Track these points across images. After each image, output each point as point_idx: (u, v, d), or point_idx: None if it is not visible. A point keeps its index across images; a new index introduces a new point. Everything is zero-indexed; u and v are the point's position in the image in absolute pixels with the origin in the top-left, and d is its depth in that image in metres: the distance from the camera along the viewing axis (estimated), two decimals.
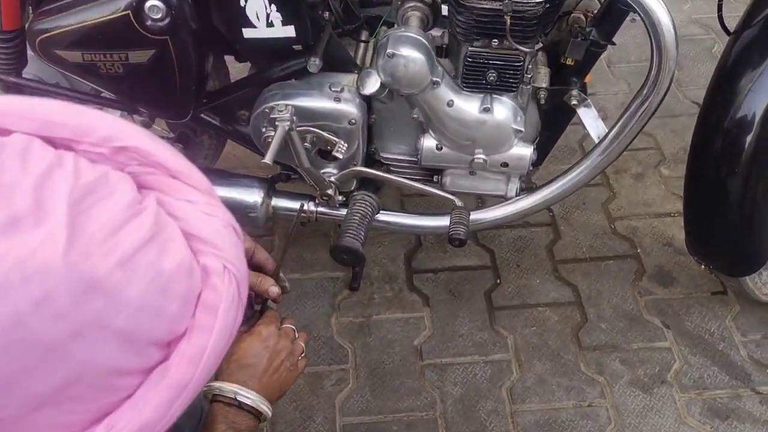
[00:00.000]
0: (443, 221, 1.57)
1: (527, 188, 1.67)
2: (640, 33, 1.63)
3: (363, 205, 1.55)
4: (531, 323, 1.87)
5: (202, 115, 1.63)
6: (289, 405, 1.70)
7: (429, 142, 1.59)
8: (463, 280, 1.97)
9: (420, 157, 1.61)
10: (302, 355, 1.15)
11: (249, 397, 1.01)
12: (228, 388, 1.02)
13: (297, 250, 2.04)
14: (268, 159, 1.29)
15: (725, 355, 1.78)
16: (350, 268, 1.95)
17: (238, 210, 1.66)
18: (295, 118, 1.45)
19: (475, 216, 1.66)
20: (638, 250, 2.04)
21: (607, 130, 1.55)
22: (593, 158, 1.56)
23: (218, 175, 1.70)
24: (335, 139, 1.51)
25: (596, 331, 1.85)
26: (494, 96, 1.51)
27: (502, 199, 1.67)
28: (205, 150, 1.85)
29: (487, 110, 1.50)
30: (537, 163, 1.71)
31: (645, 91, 1.43)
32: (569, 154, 2.31)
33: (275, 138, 1.34)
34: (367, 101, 1.56)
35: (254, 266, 1.09)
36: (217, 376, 1.03)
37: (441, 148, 1.59)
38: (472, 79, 1.47)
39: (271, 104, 1.49)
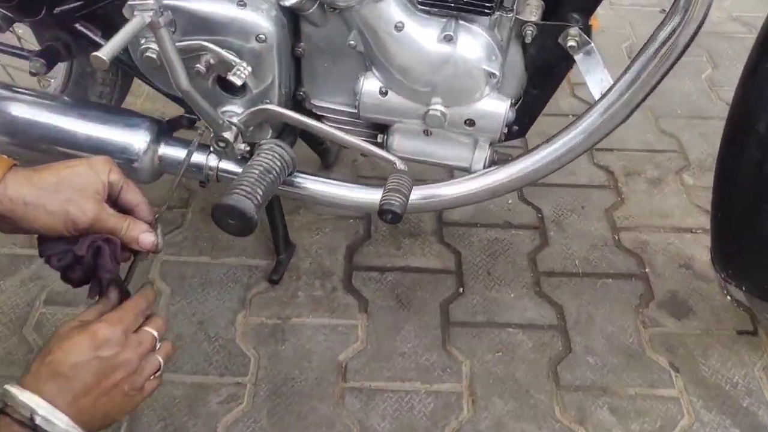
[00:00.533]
0: (378, 195, 1.13)
1: (500, 161, 1.23)
2: None
3: (268, 158, 1.13)
4: (496, 347, 1.42)
5: (77, 26, 1.23)
6: (155, 423, 1.27)
7: (370, 84, 1.17)
8: (416, 284, 1.53)
9: (359, 105, 1.18)
10: (156, 374, 0.88)
11: (52, 421, 0.76)
12: (25, 400, 0.76)
13: (212, 229, 1.61)
14: (103, 53, 0.87)
15: (751, 414, 1.32)
16: (274, 257, 1.52)
17: (116, 155, 1.25)
18: (171, 17, 1.04)
19: (425, 190, 1.23)
20: (647, 270, 1.59)
21: (611, 83, 1.11)
22: (591, 119, 1.12)
23: (96, 109, 1.29)
24: (234, 58, 1.09)
25: (581, 367, 1.40)
26: (460, 21, 1.09)
27: (465, 172, 1.24)
28: (99, 85, 1.44)
29: (448, 39, 1.08)
30: (519, 132, 1.28)
31: (672, 19, 0.99)
32: None
33: (125, 28, 0.92)
34: (293, 23, 1.14)
35: (122, 208, 0.90)
36: (21, 377, 0.79)
37: (386, 93, 1.17)
38: None
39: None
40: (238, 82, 1.07)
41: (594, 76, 1.14)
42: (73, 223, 0.85)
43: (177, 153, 1.25)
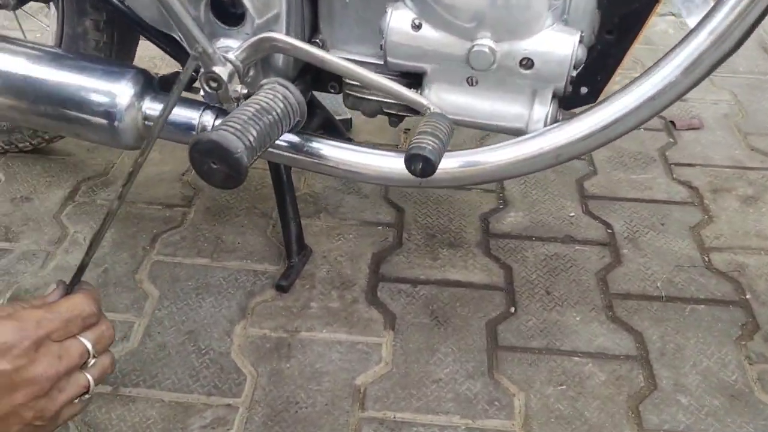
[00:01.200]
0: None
1: (564, 118, 0.96)
2: (750, 42, 1.00)
3: (269, 96, 0.89)
4: (559, 379, 1.11)
5: None
6: None
7: (401, 16, 0.93)
8: (456, 300, 1.24)
9: (385, 45, 0.95)
10: (82, 396, 0.67)
11: None
12: None
13: (215, 228, 1.37)
14: None
15: None
16: (285, 263, 1.26)
17: (93, 111, 1.03)
18: None
19: (465, 156, 0.96)
20: (747, 296, 1.27)
21: (711, 5, 0.85)
22: (691, 47, 0.85)
23: (77, 58, 1.08)
24: None
25: (671, 407, 1.07)
26: None
27: (519, 134, 0.97)
28: (92, 50, 1.24)
29: None
30: (589, 94, 1.02)
31: None
32: (644, 164, 1.60)
33: None
34: None
35: None
36: None
37: (419, 26, 0.93)
38: None
39: None
40: None
41: (690, 2, 0.89)
42: None
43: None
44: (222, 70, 0.92)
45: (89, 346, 0.66)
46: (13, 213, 1.40)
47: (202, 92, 0.96)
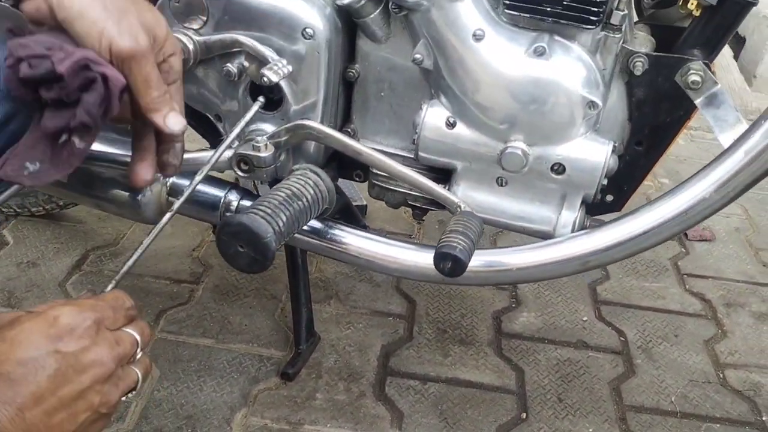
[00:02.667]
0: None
1: (591, 225, 0.96)
2: None
3: (300, 182, 0.89)
4: None
5: None
6: None
7: (435, 113, 0.94)
8: (466, 401, 1.20)
9: (418, 141, 0.95)
10: (131, 393, 0.63)
11: None
12: None
13: (223, 308, 1.34)
14: None
15: None
16: (292, 349, 1.23)
17: (113, 183, 1.03)
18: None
19: (489, 256, 0.95)
20: (764, 418, 1.24)
21: (746, 126, 0.86)
22: (718, 172, 0.85)
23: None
24: (272, 54, 0.89)
25: None
26: (555, 37, 0.88)
27: (545, 237, 0.96)
28: None
29: (539, 53, 0.86)
30: (614, 202, 1.02)
31: None
32: (656, 272, 1.59)
33: None
34: (349, 41, 0.95)
35: None
36: None
37: (453, 124, 0.93)
38: None
39: None
40: (274, 78, 0.85)
41: (723, 121, 0.89)
42: (118, 43, 0.63)
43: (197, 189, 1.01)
44: (254, 154, 0.92)
45: (138, 337, 0.63)
46: (18, 278, 1.37)
47: (235, 171, 0.95)
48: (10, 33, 0.64)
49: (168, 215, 0.76)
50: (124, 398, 0.62)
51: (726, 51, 2.78)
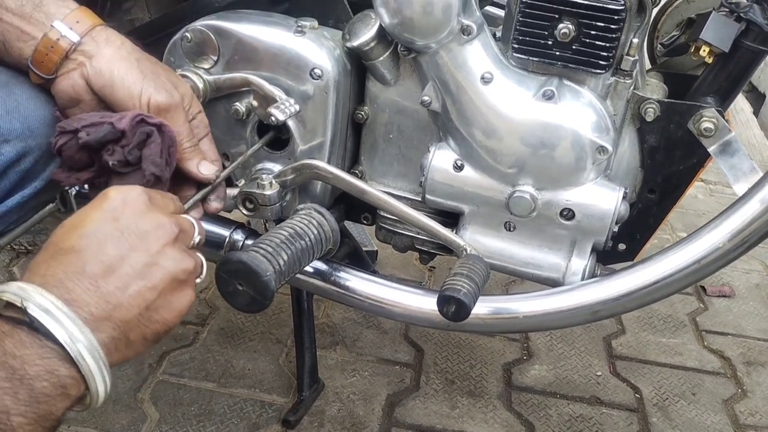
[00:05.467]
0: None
1: (602, 273, 0.93)
2: None
3: (303, 222, 0.87)
4: None
5: None
6: None
7: (443, 156, 0.93)
8: None
9: (425, 183, 0.94)
10: (199, 278, 0.63)
11: (51, 311, 0.49)
12: (14, 289, 0.50)
13: (227, 351, 1.32)
14: None
15: None
16: (295, 395, 1.20)
17: None
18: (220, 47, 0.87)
19: (496, 303, 0.93)
20: None
21: (761, 175, 0.84)
22: (732, 221, 0.83)
23: None
24: (281, 94, 0.89)
25: None
26: (564, 81, 0.87)
27: (554, 284, 0.94)
28: None
29: (548, 97, 0.85)
30: (627, 252, 1.00)
31: None
32: (674, 327, 1.54)
33: None
34: (358, 83, 0.96)
35: None
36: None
37: (461, 167, 0.92)
38: (529, 35, 0.85)
39: (195, 26, 0.91)
40: (281, 117, 0.85)
41: (737, 168, 0.88)
42: (156, 97, 0.70)
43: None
44: (259, 192, 0.91)
45: (194, 222, 0.65)
46: None
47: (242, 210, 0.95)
48: (58, 112, 0.71)
49: None
50: (198, 279, 0.62)
51: (746, 107, 2.77)
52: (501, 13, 0.99)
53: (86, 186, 0.72)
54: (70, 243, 0.54)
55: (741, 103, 2.74)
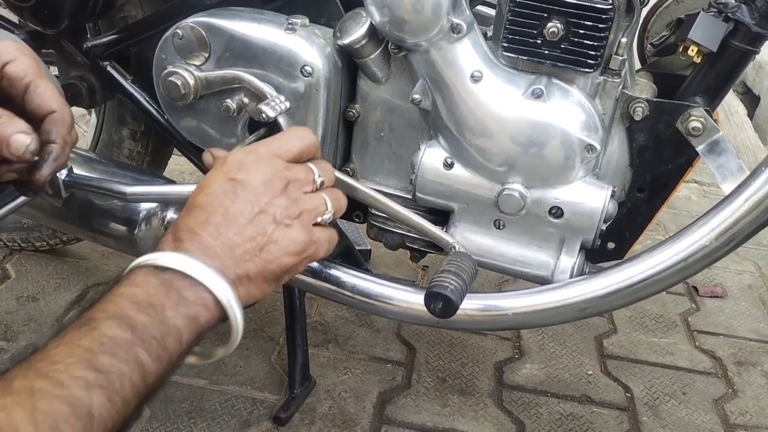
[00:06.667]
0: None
1: (590, 271, 0.94)
2: None
3: None
4: None
5: (107, 67, 1.08)
6: None
7: (433, 154, 0.93)
8: None
9: (415, 181, 0.94)
10: (326, 215, 0.70)
11: (185, 254, 0.59)
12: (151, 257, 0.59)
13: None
14: None
15: None
16: (286, 393, 1.20)
17: (111, 217, 1.03)
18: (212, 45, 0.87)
19: (484, 300, 0.93)
20: None
21: (748, 174, 0.84)
22: (718, 219, 0.83)
23: (105, 162, 1.09)
24: (271, 91, 0.89)
25: None
26: (553, 80, 0.87)
27: (543, 282, 0.94)
28: (125, 158, 1.26)
29: (537, 95, 0.86)
30: (616, 250, 1.01)
31: None
32: (665, 327, 1.55)
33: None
34: (349, 81, 0.96)
35: (29, 117, 0.63)
36: None
37: (451, 165, 0.93)
38: (519, 34, 0.85)
39: (186, 22, 0.92)
40: (271, 114, 0.85)
41: (724, 167, 0.88)
42: None
43: None
44: None
45: (317, 171, 0.70)
46: (17, 311, 1.37)
47: None
48: None
49: None
50: (325, 215, 0.69)
51: (740, 109, 2.78)
52: (492, 12, 1.00)
53: None
54: (198, 200, 0.64)
55: (735, 105, 2.75)
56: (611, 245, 1.01)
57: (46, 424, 0.45)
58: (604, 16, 0.82)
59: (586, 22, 0.83)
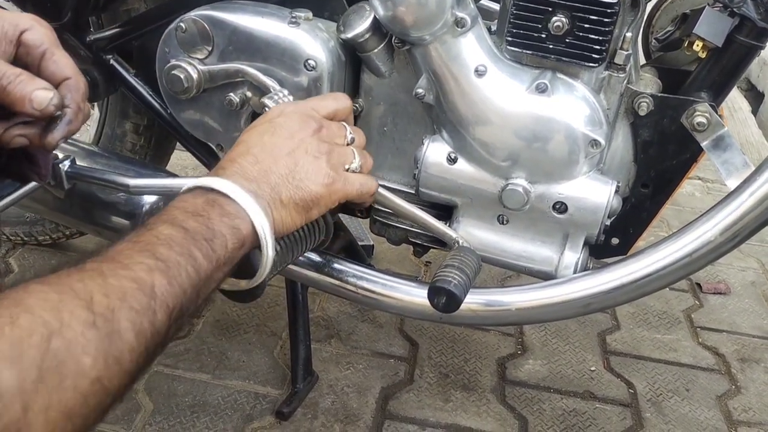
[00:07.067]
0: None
1: (594, 267, 0.93)
2: None
3: None
4: None
5: (110, 60, 1.08)
6: None
7: (437, 149, 0.93)
8: None
9: (419, 176, 0.94)
10: (353, 163, 0.80)
11: (225, 178, 0.67)
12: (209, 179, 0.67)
13: (221, 343, 1.32)
14: None
15: None
16: (289, 387, 1.20)
17: (114, 211, 1.03)
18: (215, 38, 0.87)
19: (487, 295, 0.93)
20: None
21: (753, 169, 0.84)
22: (723, 214, 0.83)
23: (108, 155, 1.09)
24: (274, 85, 0.89)
25: None
26: (558, 74, 0.87)
27: (547, 277, 0.94)
28: (128, 152, 1.26)
29: (541, 90, 0.85)
30: (620, 246, 1.00)
31: None
32: (669, 324, 1.55)
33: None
34: (353, 76, 0.96)
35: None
36: None
37: (455, 160, 0.92)
38: (523, 28, 0.85)
39: (190, 16, 0.92)
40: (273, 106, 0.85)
41: (729, 163, 0.88)
42: None
43: None
44: None
45: (348, 128, 0.82)
46: None
47: None
48: None
49: None
50: (353, 164, 0.78)
51: (744, 106, 2.77)
52: (496, 6, 1.00)
53: None
54: (242, 138, 0.74)
55: (740, 102, 2.74)
56: (615, 241, 1.00)
57: (116, 295, 0.51)
58: (609, 11, 0.82)
59: (591, 17, 0.82)
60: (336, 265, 0.99)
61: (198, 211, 0.62)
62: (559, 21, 0.83)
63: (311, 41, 0.89)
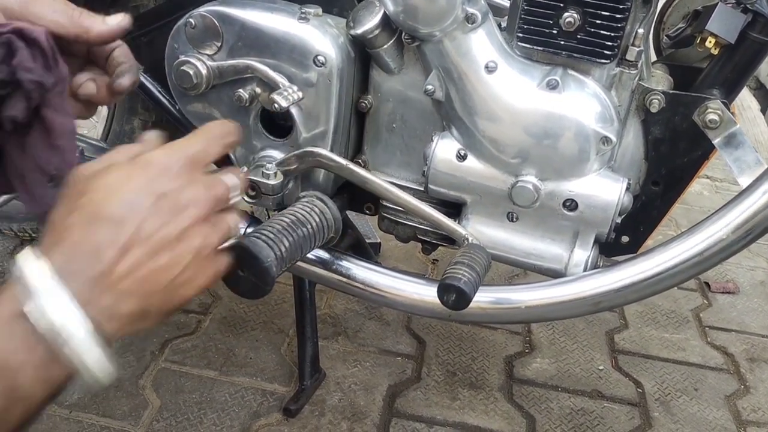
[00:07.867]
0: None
1: (604, 265, 0.93)
2: None
3: (306, 209, 0.87)
4: None
5: None
6: None
7: (446, 146, 0.93)
8: None
9: (428, 173, 0.94)
10: (227, 242, 0.61)
11: (41, 286, 0.49)
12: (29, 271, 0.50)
13: (229, 340, 1.32)
14: None
15: None
16: (296, 385, 1.20)
17: None
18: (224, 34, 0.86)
19: (497, 293, 0.93)
20: None
21: (766, 167, 0.83)
22: (735, 212, 0.82)
23: None
24: (284, 81, 0.88)
25: None
26: (568, 70, 0.86)
27: (556, 275, 0.93)
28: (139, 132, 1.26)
29: (552, 86, 0.85)
30: (630, 244, 1.00)
31: None
32: (677, 323, 1.54)
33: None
34: (362, 71, 0.95)
35: None
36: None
37: (464, 157, 0.92)
38: (534, 24, 0.84)
39: (199, 11, 0.91)
40: (283, 104, 0.85)
41: (741, 161, 0.87)
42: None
43: None
44: (261, 179, 0.91)
45: (229, 185, 0.61)
46: None
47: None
48: None
49: None
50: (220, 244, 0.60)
51: (753, 104, 2.76)
52: (506, 2, 0.99)
53: None
54: (109, 211, 0.53)
55: (749, 101, 2.72)
56: (625, 239, 1.00)
57: None
58: (621, 7, 0.81)
59: (602, 13, 0.82)
60: (344, 263, 0.98)
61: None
62: (570, 17, 0.83)
63: (321, 37, 0.89)
